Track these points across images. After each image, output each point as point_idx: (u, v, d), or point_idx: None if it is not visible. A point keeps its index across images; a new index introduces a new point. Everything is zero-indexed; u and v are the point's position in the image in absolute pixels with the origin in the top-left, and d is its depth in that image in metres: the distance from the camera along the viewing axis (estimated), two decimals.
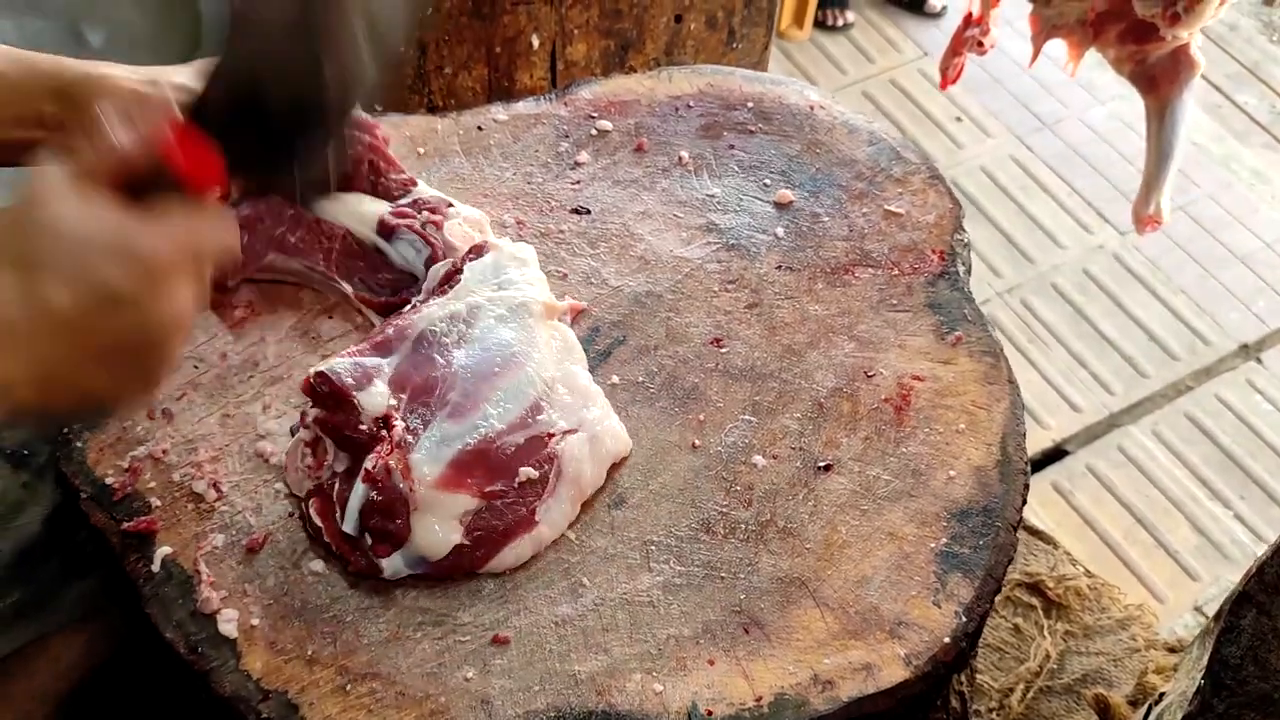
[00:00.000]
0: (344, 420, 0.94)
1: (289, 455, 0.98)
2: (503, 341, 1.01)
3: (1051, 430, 2.41)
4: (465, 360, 0.99)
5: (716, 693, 0.87)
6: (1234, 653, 0.87)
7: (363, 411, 0.94)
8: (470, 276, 1.05)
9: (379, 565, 0.91)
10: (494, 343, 1.01)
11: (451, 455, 0.94)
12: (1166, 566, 2.21)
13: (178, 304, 0.70)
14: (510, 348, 1.00)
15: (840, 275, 1.16)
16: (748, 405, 1.05)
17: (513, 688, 0.87)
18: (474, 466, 0.95)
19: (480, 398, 0.97)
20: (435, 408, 0.97)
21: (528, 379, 0.99)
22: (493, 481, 0.94)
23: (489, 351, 1.00)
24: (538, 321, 1.03)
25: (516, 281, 1.06)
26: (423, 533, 0.91)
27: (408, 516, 0.91)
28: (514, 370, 0.99)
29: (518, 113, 1.29)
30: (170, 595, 0.91)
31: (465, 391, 0.97)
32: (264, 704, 0.85)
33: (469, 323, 1.02)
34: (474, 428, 0.96)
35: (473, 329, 1.02)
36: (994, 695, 1.41)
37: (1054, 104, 3.08)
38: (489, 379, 0.98)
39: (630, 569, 0.94)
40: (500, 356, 1.00)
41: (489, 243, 1.09)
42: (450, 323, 1.02)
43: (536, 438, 0.97)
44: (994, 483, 1.00)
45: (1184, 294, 2.68)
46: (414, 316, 1.03)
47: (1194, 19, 1.33)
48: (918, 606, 0.92)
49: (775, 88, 1.33)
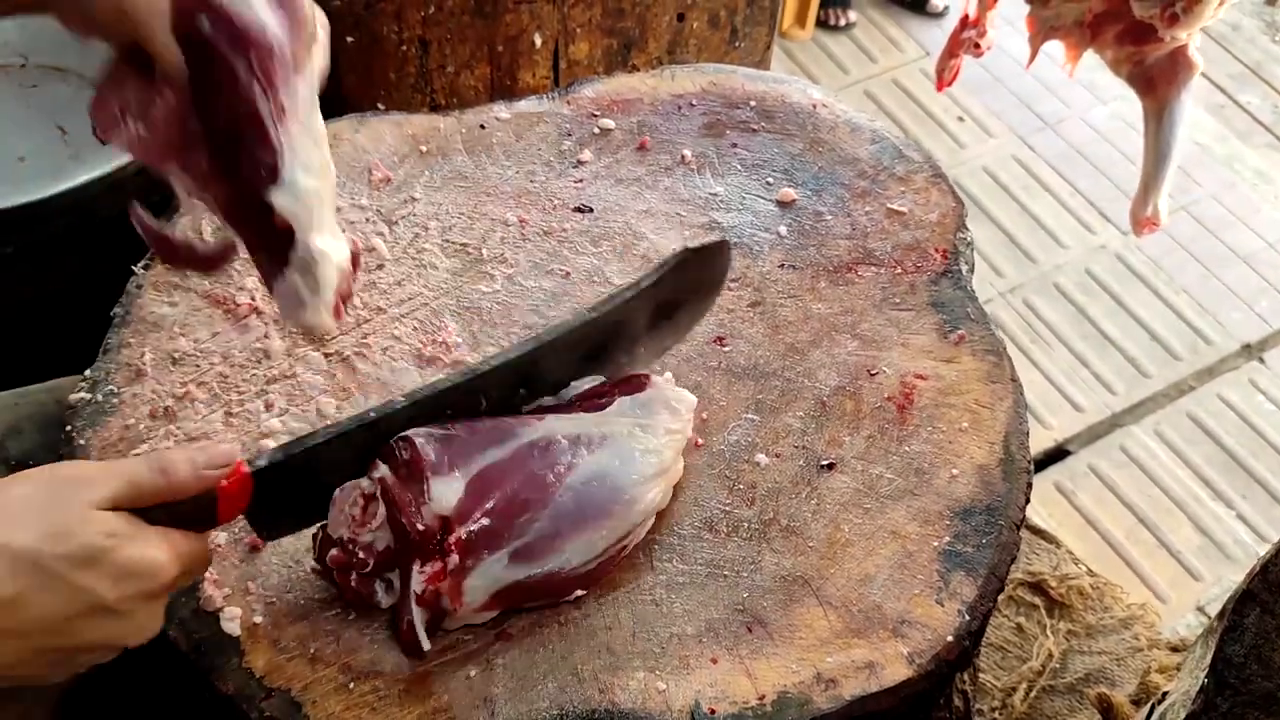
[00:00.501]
0: (406, 501, 0.85)
1: (342, 492, 0.88)
2: (618, 485, 0.91)
3: (1054, 430, 2.40)
4: (570, 493, 0.89)
5: (719, 691, 0.87)
6: (1238, 651, 0.87)
7: (428, 502, 0.85)
8: (618, 407, 0.95)
9: (376, 603, 0.89)
10: (610, 484, 0.91)
11: (504, 587, 0.88)
12: (1169, 566, 2.20)
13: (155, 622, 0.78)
14: (625, 491, 0.91)
15: (843, 274, 1.16)
16: (751, 404, 1.05)
17: (515, 686, 0.87)
18: (522, 593, 0.89)
19: (562, 544, 0.89)
20: (512, 535, 0.87)
21: (617, 531, 0.91)
22: (535, 600, 0.90)
23: (600, 491, 0.90)
24: (666, 474, 0.95)
25: (665, 426, 0.96)
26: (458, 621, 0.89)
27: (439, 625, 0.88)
28: (620, 513, 0.91)
29: (520, 111, 1.29)
30: (173, 593, 0.91)
31: (551, 529, 0.88)
32: (266, 702, 0.85)
33: (590, 450, 0.91)
34: (544, 564, 0.88)
35: (592, 457, 0.91)
36: (997, 694, 1.41)
37: (1056, 104, 3.08)
38: (583, 524, 0.89)
39: (634, 568, 0.94)
40: (612, 499, 0.90)
41: (651, 378, 0.99)
42: (573, 444, 0.91)
43: (609, 560, 0.92)
44: (997, 481, 0.99)
45: (1186, 294, 2.68)
46: (534, 419, 0.93)
47: (1192, 20, 1.33)
48: (921, 605, 0.92)
49: (778, 86, 1.33)
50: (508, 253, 1.16)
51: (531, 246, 1.17)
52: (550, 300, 1.12)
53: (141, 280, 1.11)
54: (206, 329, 1.08)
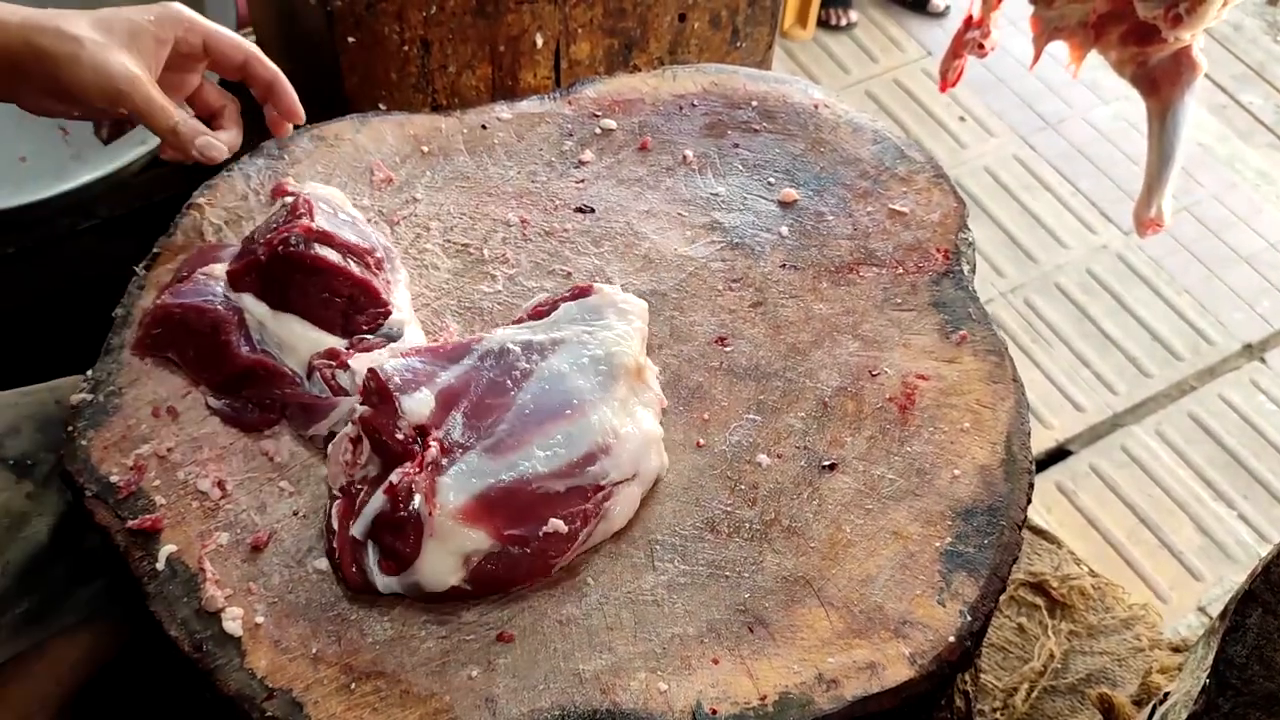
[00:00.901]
0: (383, 423, 0.91)
1: (332, 448, 0.95)
2: (574, 386, 0.94)
3: (1055, 430, 2.40)
4: (528, 394, 0.93)
5: (721, 692, 0.87)
6: (1239, 652, 0.87)
7: (402, 417, 0.90)
8: (564, 313, 1.00)
9: (374, 584, 0.90)
10: (565, 385, 0.94)
11: (481, 488, 0.90)
12: (1170, 566, 2.20)
13: None
14: (581, 393, 0.94)
15: (845, 274, 1.16)
16: (752, 404, 1.05)
17: (517, 686, 0.87)
18: (501, 505, 0.90)
19: (530, 437, 0.92)
20: (480, 435, 0.91)
21: (588, 427, 0.93)
22: (516, 525, 0.90)
23: (556, 392, 0.94)
24: (622, 377, 0.97)
25: (614, 329, 0.99)
26: (429, 563, 0.88)
27: (420, 540, 0.88)
28: (576, 417, 0.93)
29: (522, 111, 1.29)
30: (174, 593, 0.91)
31: (516, 427, 0.92)
32: (268, 702, 0.85)
33: (544, 356, 0.95)
34: (513, 465, 0.91)
35: (546, 364, 0.95)
36: (998, 695, 1.41)
37: (1058, 104, 3.08)
38: (546, 421, 0.92)
39: (635, 568, 0.94)
40: (566, 400, 0.94)
41: (596, 286, 1.03)
42: (526, 350, 0.96)
43: (579, 489, 0.92)
44: (999, 482, 0.99)
45: (1188, 294, 2.68)
46: (490, 332, 0.97)
47: (1196, 21, 1.33)
48: (922, 606, 0.92)
49: (779, 86, 1.33)
50: (509, 253, 1.16)
51: (533, 247, 1.17)
52: None
53: (143, 280, 1.11)
54: None
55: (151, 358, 1.05)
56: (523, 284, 1.14)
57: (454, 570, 0.89)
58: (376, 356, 0.99)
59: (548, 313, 1.02)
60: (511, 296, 1.13)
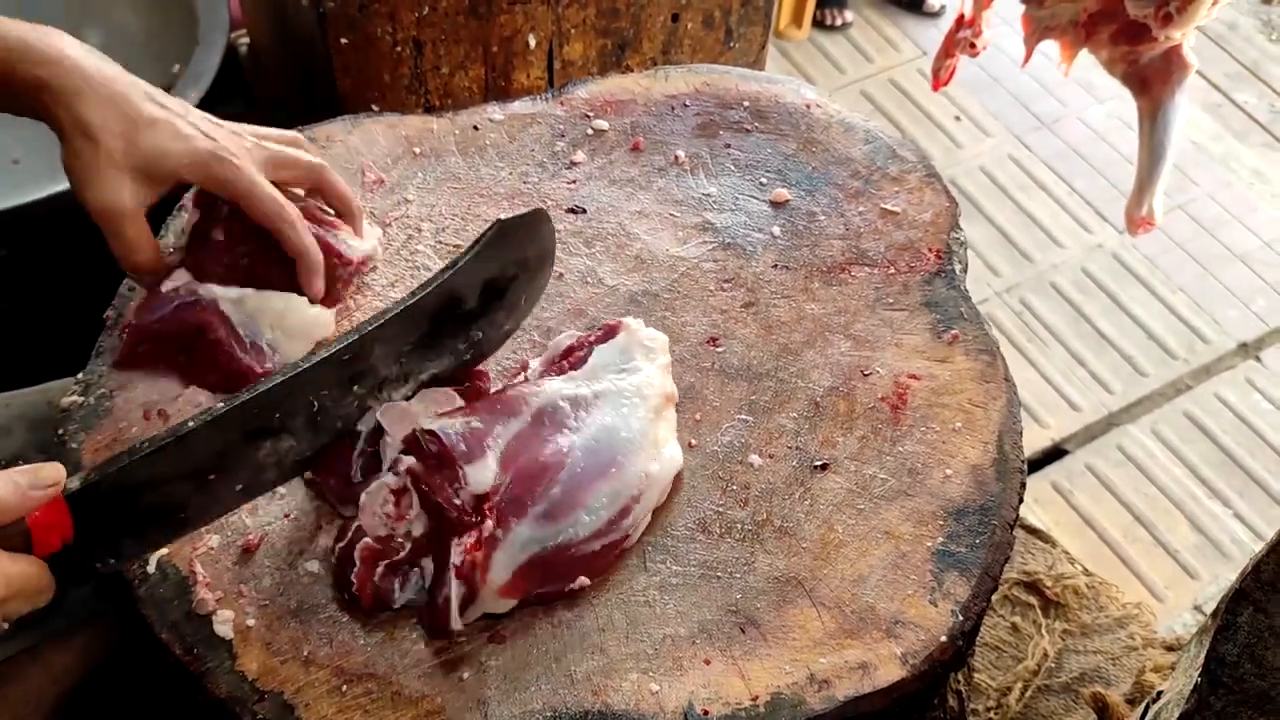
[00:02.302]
0: (439, 485, 0.87)
1: (369, 495, 0.90)
2: (619, 437, 0.94)
3: (1050, 429, 2.40)
4: (579, 451, 0.92)
5: (713, 692, 0.86)
6: (1231, 650, 0.87)
7: (465, 486, 0.87)
8: (599, 359, 1.00)
9: (392, 601, 0.90)
10: (611, 437, 0.93)
11: (525, 560, 0.89)
12: (1165, 565, 2.20)
13: None
14: (625, 445, 0.94)
15: (836, 274, 1.16)
16: (744, 404, 1.05)
17: (509, 688, 0.87)
18: (538, 571, 0.89)
19: (581, 500, 0.91)
20: (534, 501, 0.89)
21: (626, 481, 0.92)
22: (545, 585, 0.90)
23: (603, 445, 0.93)
24: (654, 416, 0.97)
25: (642, 371, 0.99)
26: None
27: (467, 609, 0.88)
28: (618, 472, 0.92)
29: (514, 112, 1.29)
30: (165, 596, 0.91)
31: (569, 489, 0.90)
32: (259, 705, 0.85)
33: (589, 411, 0.94)
34: (560, 533, 0.90)
35: (591, 418, 0.94)
36: (992, 694, 1.41)
37: (1053, 103, 3.08)
38: (595, 480, 0.91)
39: (627, 569, 0.94)
40: (612, 456, 0.93)
41: (623, 323, 1.02)
42: (574, 406, 0.94)
43: (610, 545, 0.92)
44: (990, 481, 0.99)
45: (1183, 293, 2.68)
46: (534, 388, 0.95)
47: (1186, 19, 1.33)
48: (914, 605, 0.92)
49: (771, 86, 1.33)
50: None
51: None
52: (544, 301, 1.12)
53: (134, 283, 1.11)
54: None
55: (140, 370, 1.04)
56: None
57: (476, 624, 0.90)
58: (412, 412, 0.94)
59: (583, 358, 1.00)
60: None
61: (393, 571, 0.89)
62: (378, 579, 0.89)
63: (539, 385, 0.95)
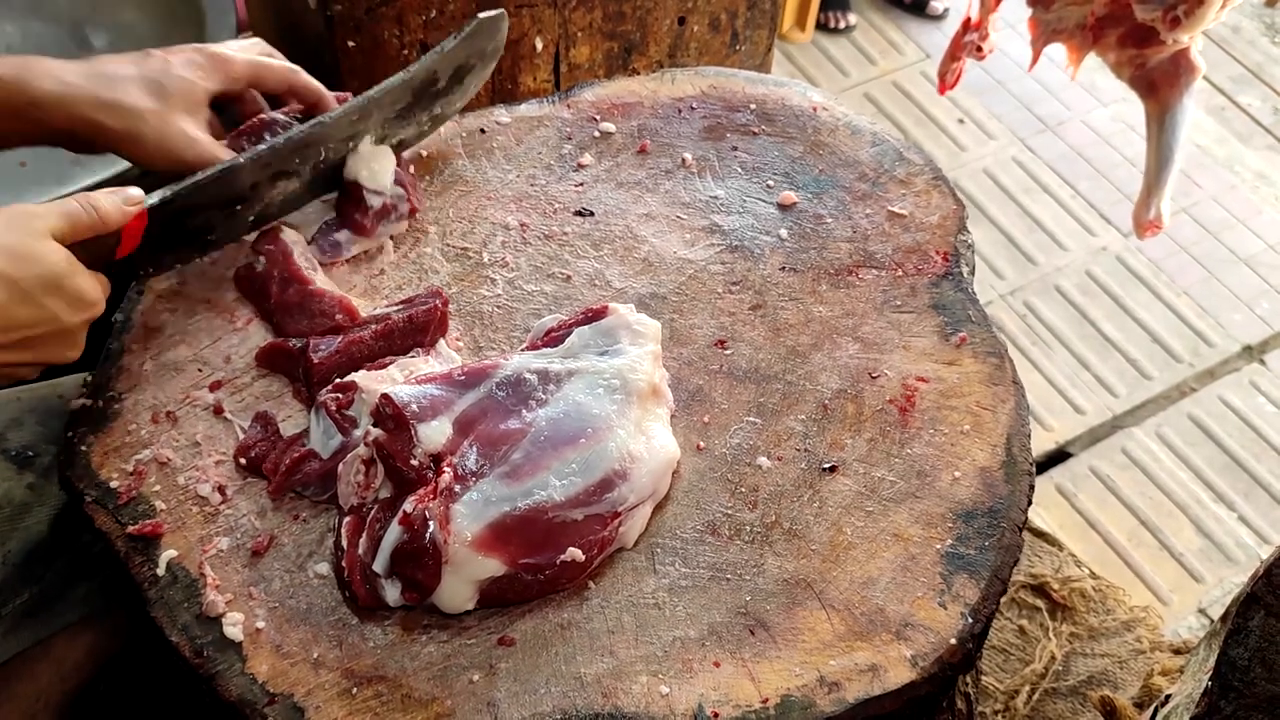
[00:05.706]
0: (397, 449, 0.91)
1: (343, 468, 0.94)
2: (590, 413, 0.94)
3: (1055, 432, 2.40)
4: (544, 421, 0.93)
5: (722, 695, 0.86)
6: (1241, 654, 0.87)
7: (418, 445, 0.90)
8: (578, 339, 1.00)
9: (384, 600, 0.90)
10: (581, 412, 0.94)
11: (496, 516, 0.89)
12: (1170, 568, 2.20)
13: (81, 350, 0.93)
14: (596, 420, 0.94)
15: (844, 276, 1.16)
16: (752, 407, 1.05)
17: (518, 690, 0.87)
18: (516, 533, 0.89)
19: (545, 464, 0.91)
20: (495, 462, 0.91)
21: (604, 453, 0.93)
22: (532, 554, 0.90)
23: (571, 418, 0.94)
24: (636, 401, 0.97)
25: (627, 353, 0.99)
26: (446, 589, 0.88)
27: (439, 569, 0.87)
28: (591, 443, 0.93)
29: (521, 115, 1.29)
30: (175, 599, 0.91)
31: (532, 453, 0.92)
32: (270, 707, 0.85)
33: (560, 386, 0.96)
34: (528, 493, 0.90)
35: (562, 391, 0.95)
36: (999, 697, 1.41)
37: (1057, 106, 3.08)
38: (562, 447, 0.92)
39: (636, 571, 0.94)
40: (582, 426, 0.93)
41: (611, 306, 1.03)
42: (542, 380, 0.96)
43: (597, 516, 0.92)
44: (999, 484, 0.99)
45: (1187, 296, 2.68)
46: (505, 359, 0.98)
47: (1194, 23, 1.33)
48: (923, 608, 0.92)
49: (778, 89, 1.33)
50: (508, 256, 1.16)
51: (532, 250, 1.17)
52: (551, 303, 1.12)
53: (142, 286, 1.11)
54: (207, 336, 1.08)
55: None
56: (522, 287, 1.14)
57: (469, 597, 0.89)
58: (389, 379, 0.98)
59: (562, 338, 1.01)
60: (511, 300, 1.13)
61: (373, 543, 0.89)
62: (361, 552, 0.90)
63: (506, 359, 0.98)
